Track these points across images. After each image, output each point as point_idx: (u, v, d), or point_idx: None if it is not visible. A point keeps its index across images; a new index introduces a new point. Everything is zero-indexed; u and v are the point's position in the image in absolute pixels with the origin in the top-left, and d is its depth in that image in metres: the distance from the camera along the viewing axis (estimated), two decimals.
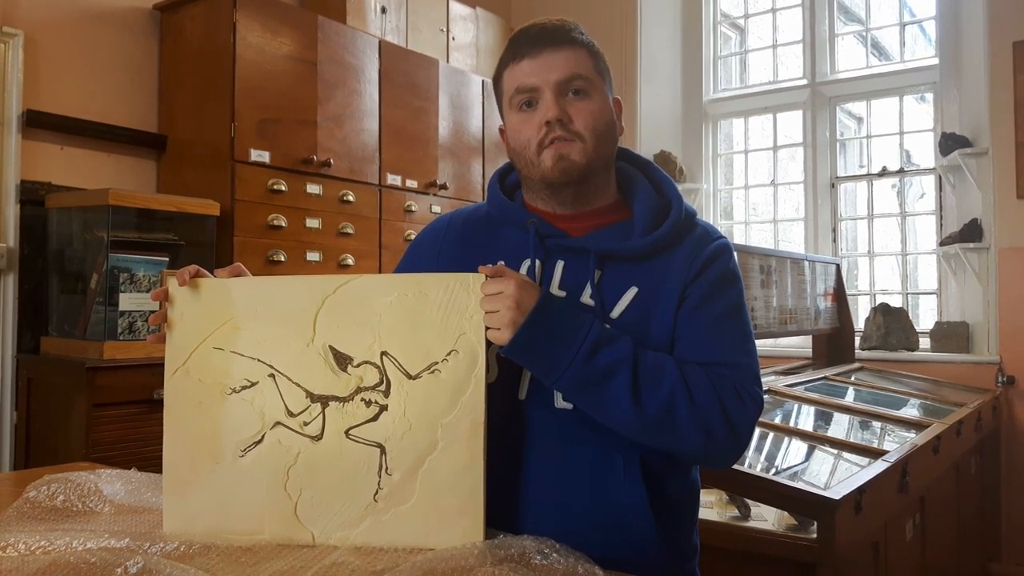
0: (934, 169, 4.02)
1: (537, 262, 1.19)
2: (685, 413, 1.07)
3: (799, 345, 4.00)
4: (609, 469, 1.13)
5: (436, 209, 3.52)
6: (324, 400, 1.10)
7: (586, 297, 1.16)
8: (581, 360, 1.06)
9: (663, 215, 1.21)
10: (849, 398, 2.96)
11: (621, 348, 1.08)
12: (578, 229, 1.21)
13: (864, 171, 4.35)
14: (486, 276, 1.08)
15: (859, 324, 4.00)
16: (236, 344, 1.12)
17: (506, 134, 1.24)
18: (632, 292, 1.16)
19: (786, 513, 1.75)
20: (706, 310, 1.16)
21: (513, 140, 1.21)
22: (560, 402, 1.15)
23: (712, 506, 1.89)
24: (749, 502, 1.83)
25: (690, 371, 1.10)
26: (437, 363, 1.08)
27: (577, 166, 1.16)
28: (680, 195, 1.25)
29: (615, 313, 1.15)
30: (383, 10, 3.51)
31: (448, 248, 1.29)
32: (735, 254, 1.25)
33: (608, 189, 1.24)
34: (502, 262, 1.19)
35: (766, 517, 1.80)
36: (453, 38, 3.88)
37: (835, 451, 2.18)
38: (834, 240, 4.31)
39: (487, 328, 1.07)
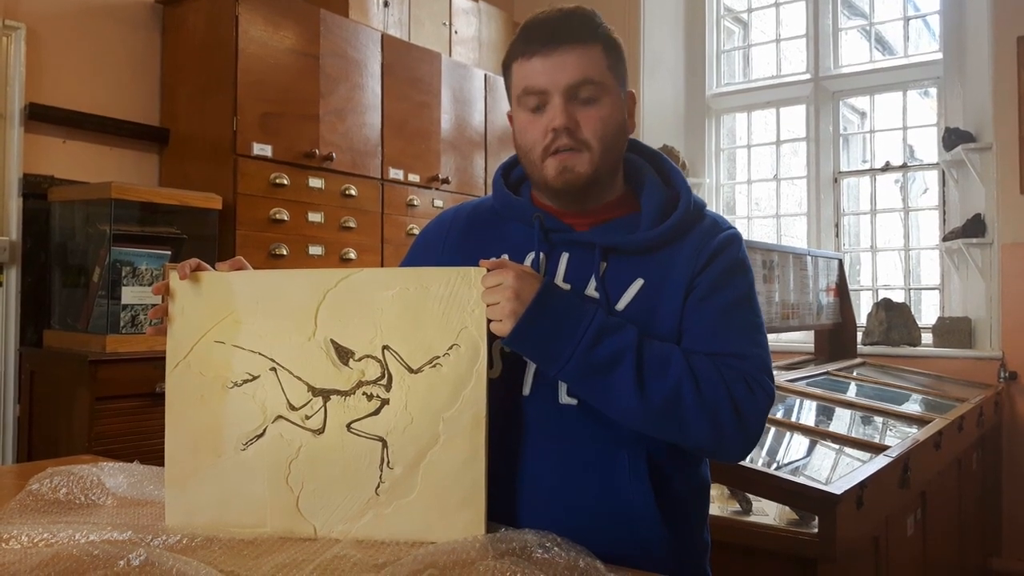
0: (937, 164, 4.01)
1: (541, 255, 1.18)
2: (692, 403, 1.05)
3: (801, 340, 4.00)
4: (614, 466, 1.12)
5: (438, 203, 3.52)
6: (326, 394, 1.10)
7: (591, 290, 1.15)
8: (584, 349, 1.05)
9: (671, 207, 1.19)
10: (851, 393, 2.96)
11: (625, 337, 1.07)
12: (584, 224, 1.20)
13: (867, 166, 4.34)
14: (487, 269, 1.08)
15: (861, 319, 4.00)
16: (237, 338, 1.12)
17: (513, 126, 1.22)
18: (638, 284, 1.15)
19: (787, 508, 1.75)
20: (714, 300, 1.14)
21: (519, 138, 1.19)
22: (564, 398, 1.14)
23: (713, 500, 1.88)
24: (751, 497, 1.83)
25: (697, 361, 1.08)
26: (439, 357, 1.08)
27: (582, 177, 1.14)
28: (688, 187, 1.22)
29: (620, 305, 1.14)
30: (385, 4, 3.50)
31: (453, 242, 1.28)
32: (744, 244, 1.23)
33: (615, 185, 1.22)
34: (505, 256, 1.18)
35: (767, 512, 1.80)
36: (455, 32, 3.88)
37: (837, 446, 2.18)
38: (836, 235, 4.30)
39: (489, 320, 1.07)
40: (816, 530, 1.62)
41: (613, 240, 1.16)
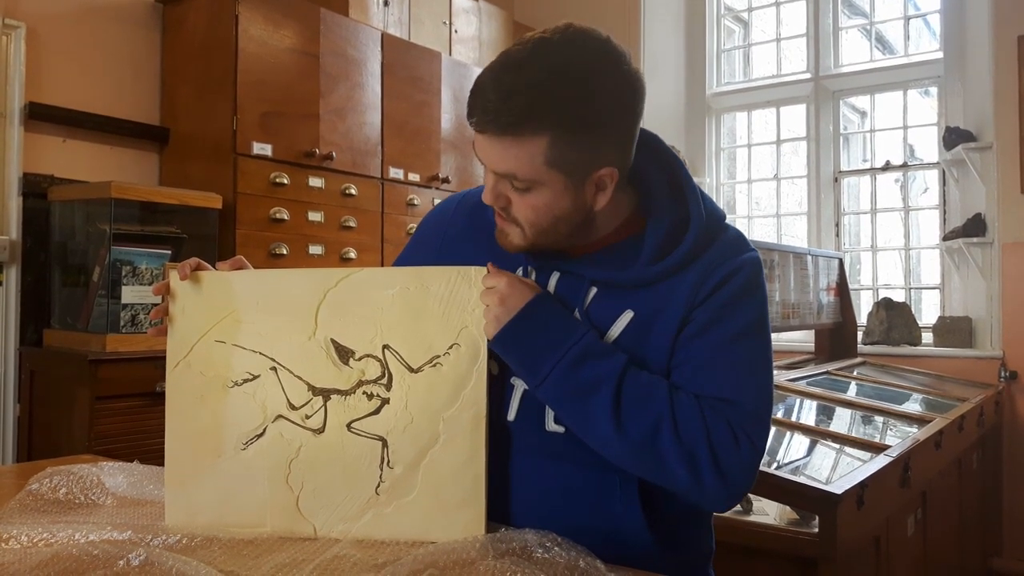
0: (938, 163, 4.01)
1: (532, 270, 1.13)
2: (668, 444, 0.99)
3: (801, 340, 4.00)
4: (604, 490, 1.08)
5: (438, 203, 3.51)
6: (326, 393, 1.10)
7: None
8: (564, 368, 1.02)
9: (677, 237, 1.08)
10: (851, 393, 2.96)
11: (610, 364, 1.02)
12: (579, 248, 1.12)
13: (867, 165, 4.34)
14: (487, 270, 1.08)
15: (862, 319, 4.00)
16: (238, 337, 1.12)
17: None
18: (627, 317, 1.07)
19: (788, 508, 1.75)
20: (708, 336, 1.04)
21: None
22: (551, 425, 1.09)
23: None
24: (751, 496, 1.83)
25: (682, 399, 1.01)
26: (439, 356, 1.08)
27: (515, 246, 1.08)
28: (701, 209, 1.10)
29: (607, 339, 1.07)
30: (385, 3, 3.50)
31: (452, 238, 1.25)
32: (762, 271, 1.10)
33: (611, 217, 1.11)
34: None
35: (768, 511, 1.80)
36: (455, 31, 3.87)
37: (837, 446, 2.18)
38: (837, 234, 4.30)
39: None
40: (816, 530, 1.62)
41: (603, 275, 1.08)
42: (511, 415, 1.12)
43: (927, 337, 3.86)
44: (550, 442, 1.10)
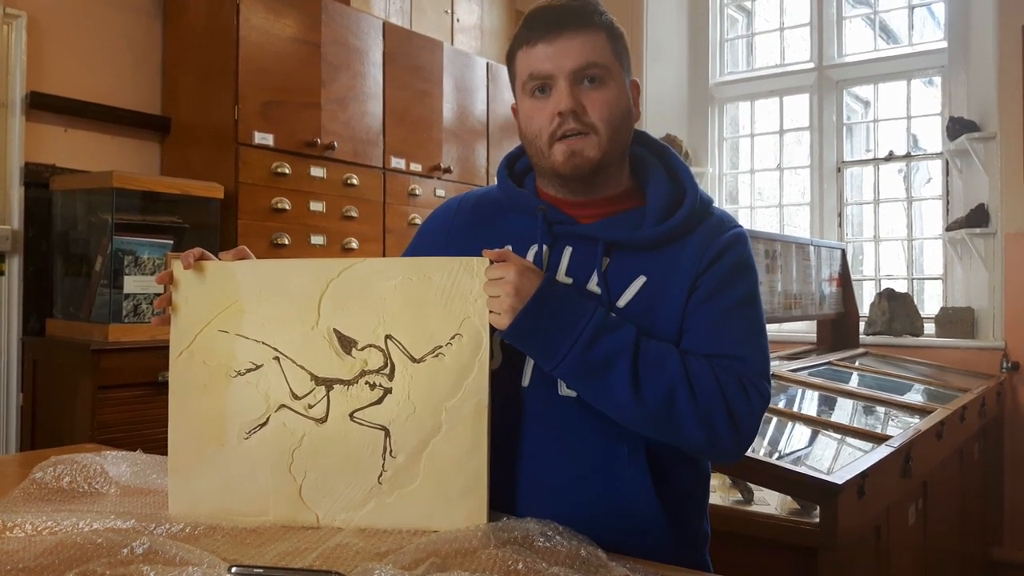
0: (941, 154, 4.00)
1: (544, 248, 1.18)
2: (686, 406, 1.06)
3: (804, 330, 4.00)
4: (614, 458, 1.12)
5: (440, 193, 3.51)
6: (328, 383, 1.10)
7: (592, 285, 1.15)
8: (580, 348, 1.05)
9: (676, 203, 1.18)
10: (853, 383, 2.96)
11: (622, 338, 1.07)
12: (588, 216, 1.19)
13: (871, 155, 4.33)
14: (490, 260, 1.08)
15: (864, 309, 3.99)
16: (240, 327, 1.12)
17: (519, 116, 1.21)
18: (640, 281, 1.15)
19: (789, 497, 1.76)
20: (716, 302, 1.14)
21: (525, 126, 1.18)
22: (564, 390, 1.14)
23: (715, 490, 1.89)
24: (752, 486, 1.83)
25: (694, 363, 1.09)
26: (441, 347, 1.09)
27: (590, 161, 1.14)
28: (695, 184, 1.21)
29: (622, 302, 1.14)
30: None
31: (457, 232, 1.28)
32: (750, 243, 1.22)
33: (621, 176, 1.22)
34: (508, 247, 1.17)
35: (769, 501, 1.81)
36: (458, 20, 3.86)
37: (838, 436, 2.18)
38: (840, 225, 4.29)
39: (490, 312, 1.07)
40: (817, 519, 1.62)
41: (616, 236, 1.16)
42: (525, 381, 1.16)
43: (929, 328, 3.86)
44: (562, 407, 1.14)
